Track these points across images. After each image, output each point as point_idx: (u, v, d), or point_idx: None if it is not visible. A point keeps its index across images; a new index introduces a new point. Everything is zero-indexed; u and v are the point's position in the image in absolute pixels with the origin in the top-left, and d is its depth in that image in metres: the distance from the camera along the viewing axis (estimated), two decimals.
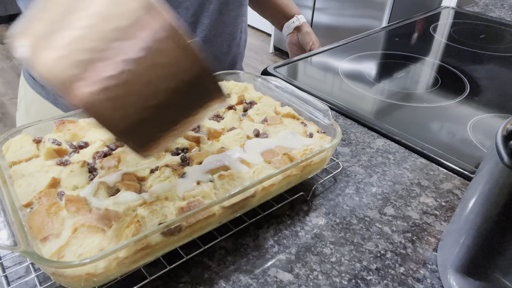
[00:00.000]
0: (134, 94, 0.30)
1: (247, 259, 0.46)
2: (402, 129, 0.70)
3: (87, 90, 0.29)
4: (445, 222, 0.52)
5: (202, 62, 0.32)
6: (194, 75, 0.32)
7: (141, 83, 0.30)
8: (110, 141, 0.53)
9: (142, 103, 0.31)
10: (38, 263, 0.34)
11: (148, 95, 0.31)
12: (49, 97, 0.77)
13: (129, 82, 0.30)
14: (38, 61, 0.29)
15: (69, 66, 0.29)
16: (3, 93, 2.76)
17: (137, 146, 0.33)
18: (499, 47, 1.09)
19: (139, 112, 0.31)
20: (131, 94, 0.30)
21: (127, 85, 0.30)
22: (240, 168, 0.49)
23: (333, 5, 2.78)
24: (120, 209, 0.42)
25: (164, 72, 0.31)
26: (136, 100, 0.30)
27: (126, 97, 0.30)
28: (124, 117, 0.30)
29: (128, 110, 0.30)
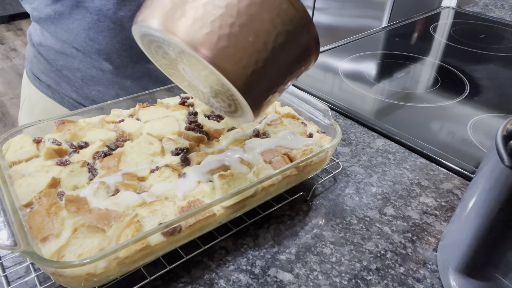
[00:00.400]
0: (250, 46, 0.35)
1: (247, 259, 0.46)
2: (402, 129, 0.70)
3: (213, 49, 0.34)
4: (445, 222, 0.52)
5: (308, 18, 0.37)
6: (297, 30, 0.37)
7: (253, 35, 0.35)
8: (110, 141, 0.53)
9: (256, 54, 0.35)
10: (38, 263, 0.34)
11: (260, 47, 0.35)
12: (55, 96, 0.77)
13: (243, 36, 0.34)
14: (174, 31, 0.34)
15: (201, 28, 0.34)
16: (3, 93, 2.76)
17: (253, 99, 0.37)
18: (499, 47, 1.09)
19: (253, 62, 0.35)
20: (247, 47, 0.35)
21: (242, 40, 0.34)
22: (240, 168, 0.49)
23: (333, 5, 2.78)
24: (120, 209, 0.42)
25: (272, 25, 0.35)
26: (251, 51, 0.35)
27: (243, 51, 0.35)
28: (243, 67, 0.35)
29: (245, 61, 0.35)
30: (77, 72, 0.74)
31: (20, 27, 3.75)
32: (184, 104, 0.62)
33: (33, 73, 0.79)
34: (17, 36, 3.60)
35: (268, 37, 0.35)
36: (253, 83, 0.36)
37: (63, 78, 0.75)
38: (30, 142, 0.51)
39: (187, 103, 0.63)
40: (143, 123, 0.57)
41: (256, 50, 0.35)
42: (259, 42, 0.35)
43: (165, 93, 0.65)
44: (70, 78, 0.75)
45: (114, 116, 0.58)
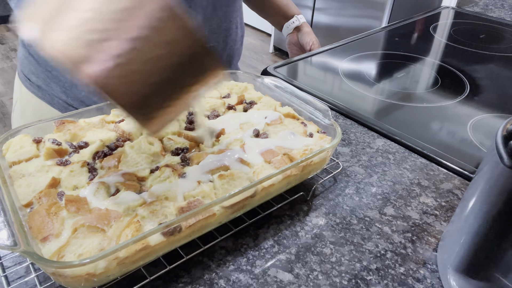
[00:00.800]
0: (139, 71, 0.33)
1: (247, 259, 0.46)
2: (402, 129, 0.70)
3: (96, 68, 0.31)
4: (445, 222, 0.52)
5: (197, 37, 0.34)
6: (192, 50, 0.35)
7: (145, 60, 0.33)
8: (110, 141, 0.53)
9: (147, 79, 0.33)
10: (38, 263, 0.34)
11: (152, 71, 0.33)
12: (45, 97, 0.77)
13: (134, 59, 0.32)
14: (49, 42, 0.31)
15: (79, 47, 0.31)
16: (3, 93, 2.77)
17: (144, 119, 0.36)
18: (499, 47, 1.09)
19: (144, 87, 0.34)
20: (137, 70, 0.33)
21: (133, 62, 0.32)
22: (240, 168, 0.49)
23: (333, 5, 2.78)
24: (120, 209, 0.42)
25: (165, 49, 0.33)
26: (141, 76, 0.33)
27: (132, 74, 0.33)
28: (131, 92, 0.33)
29: (134, 85, 0.33)
30: (67, 73, 0.74)
31: None
32: None
33: (24, 74, 0.78)
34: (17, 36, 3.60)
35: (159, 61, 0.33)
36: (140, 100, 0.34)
37: (52, 79, 0.75)
38: (30, 142, 0.51)
39: None
40: None
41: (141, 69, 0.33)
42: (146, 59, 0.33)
43: None
44: (59, 79, 0.75)
45: (114, 116, 0.58)
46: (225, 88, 0.68)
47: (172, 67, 0.34)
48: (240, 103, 0.64)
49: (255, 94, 0.66)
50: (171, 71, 0.34)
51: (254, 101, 0.64)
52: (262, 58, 3.43)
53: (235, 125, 0.58)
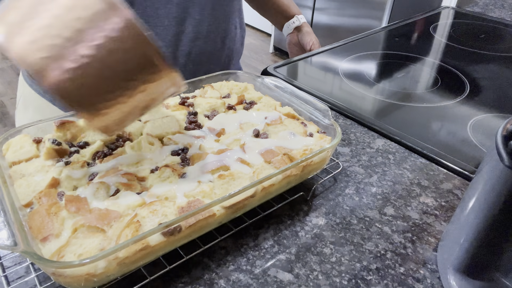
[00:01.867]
0: (93, 76, 0.35)
1: (247, 259, 0.46)
2: (402, 129, 0.70)
3: (52, 74, 0.34)
4: (445, 222, 0.52)
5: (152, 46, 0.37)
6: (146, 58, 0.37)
7: (99, 67, 0.35)
8: (110, 141, 0.53)
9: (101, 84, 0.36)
10: (38, 263, 0.34)
11: (106, 77, 0.36)
12: (46, 95, 0.78)
13: (88, 65, 0.35)
14: (12, 46, 0.34)
15: (37, 51, 0.33)
16: (3, 93, 2.77)
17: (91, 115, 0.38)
18: (499, 47, 1.09)
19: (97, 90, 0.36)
20: (90, 75, 0.35)
21: (87, 69, 0.35)
22: (240, 168, 0.49)
23: (333, 5, 2.78)
24: (120, 209, 0.42)
25: (120, 56, 0.36)
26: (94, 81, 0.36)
27: (86, 78, 0.35)
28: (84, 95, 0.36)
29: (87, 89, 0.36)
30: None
31: None
32: (184, 104, 0.62)
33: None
34: None
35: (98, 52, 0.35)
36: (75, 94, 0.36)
37: None
38: (30, 142, 0.51)
39: (187, 103, 0.63)
40: (143, 123, 0.57)
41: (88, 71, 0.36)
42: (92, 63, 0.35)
43: None
44: None
45: None
46: (225, 88, 0.68)
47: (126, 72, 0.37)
48: (240, 103, 0.64)
49: (255, 94, 0.66)
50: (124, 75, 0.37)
51: (254, 101, 0.64)
52: (262, 58, 3.43)
53: (235, 125, 0.58)
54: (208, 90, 0.66)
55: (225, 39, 0.84)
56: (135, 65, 0.37)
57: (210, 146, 0.54)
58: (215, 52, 0.84)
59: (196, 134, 0.55)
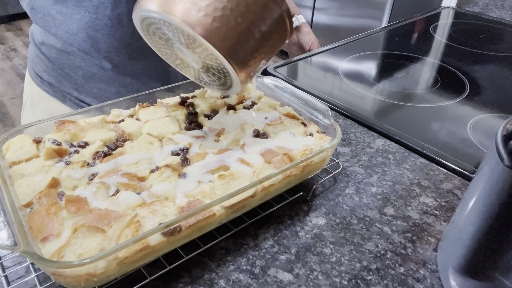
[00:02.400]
0: (233, 23, 0.44)
1: (247, 259, 0.46)
2: (402, 129, 0.70)
3: (203, 23, 0.43)
4: (445, 222, 0.52)
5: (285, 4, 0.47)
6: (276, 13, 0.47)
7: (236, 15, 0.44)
8: (110, 141, 0.53)
9: (238, 28, 0.45)
10: (38, 263, 0.34)
11: (241, 23, 0.45)
12: (57, 95, 0.78)
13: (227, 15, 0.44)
14: (174, 12, 0.43)
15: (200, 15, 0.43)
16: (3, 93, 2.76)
17: (237, 63, 0.46)
18: (499, 47, 1.09)
19: (236, 35, 0.45)
20: (231, 23, 0.44)
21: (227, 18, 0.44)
22: (240, 168, 0.49)
23: (333, 5, 2.78)
24: (120, 209, 0.42)
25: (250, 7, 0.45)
26: (234, 26, 0.44)
27: (227, 25, 0.44)
28: (227, 37, 0.44)
29: (229, 32, 0.44)
30: (79, 70, 0.74)
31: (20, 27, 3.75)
32: (184, 104, 0.62)
33: (35, 72, 0.79)
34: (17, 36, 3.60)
35: (251, 18, 0.45)
36: (237, 50, 0.45)
37: (64, 77, 0.76)
38: (30, 142, 0.51)
39: (187, 103, 0.63)
40: (143, 123, 0.57)
41: (241, 29, 0.44)
42: (244, 22, 0.44)
43: (165, 93, 0.65)
44: (71, 76, 0.75)
45: (114, 116, 0.58)
46: None
47: (254, 21, 0.46)
48: (240, 103, 0.64)
49: (255, 94, 0.66)
50: (254, 25, 0.46)
51: (254, 101, 0.64)
52: None
53: (235, 125, 0.58)
54: (208, 90, 0.66)
55: None
56: (272, 22, 0.47)
57: (210, 146, 0.54)
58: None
59: (196, 134, 0.55)
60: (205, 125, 0.58)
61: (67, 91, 0.77)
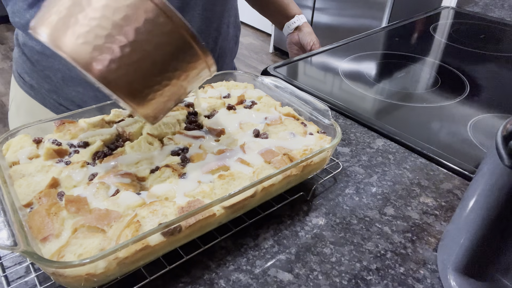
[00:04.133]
0: (137, 63, 0.39)
1: (247, 259, 0.46)
2: (402, 129, 0.70)
3: (99, 65, 0.38)
4: (445, 222, 0.52)
5: (188, 28, 0.40)
6: (184, 40, 0.40)
7: (141, 54, 0.39)
8: (110, 141, 0.53)
9: (144, 70, 0.40)
10: (38, 263, 0.34)
11: (149, 62, 0.39)
12: (37, 96, 0.78)
13: (131, 53, 0.38)
14: (58, 44, 0.37)
15: (82, 45, 0.37)
16: (3, 93, 2.76)
17: (138, 103, 0.41)
18: (499, 47, 1.09)
19: (142, 77, 0.40)
20: (134, 63, 0.39)
21: (130, 56, 0.38)
22: (240, 168, 0.49)
23: (333, 5, 2.78)
24: (120, 209, 0.42)
25: (159, 40, 0.39)
26: (139, 68, 0.39)
27: (131, 66, 0.39)
28: (127, 81, 0.39)
29: (133, 76, 0.39)
30: (58, 72, 0.74)
31: None
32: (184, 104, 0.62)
33: (18, 73, 0.79)
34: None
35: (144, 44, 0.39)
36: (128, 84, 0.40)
37: (44, 79, 0.75)
38: (30, 142, 0.51)
39: (187, 103, 0.63)
40: (143, 123, 0.57)
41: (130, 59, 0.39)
42: (134, 50, 0.38)
43: None
44: (51, 78, 0.75)
45: (114, 116, 0.58)
46: (225, 88, 0.68)
47: (161, 56, 0.40)
48: (240, 103, 0.64)
49: (255, 94, 0.66)
50: (160, 60, 0.40)
51: (254, 101, 0.64)
52: (262, 58, 3.43)
53: (235, 125, 0.58)
54: (208, 90, 0.66)
55: (217, 39, 0.84)
56: (174, 49, 0.40)
57: (210, 146, 0.54)
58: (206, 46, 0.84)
59: (196, 134, 0.55)
60: (205, 125, 0.58)
61: (47, 93, 0.77)
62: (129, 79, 0.39)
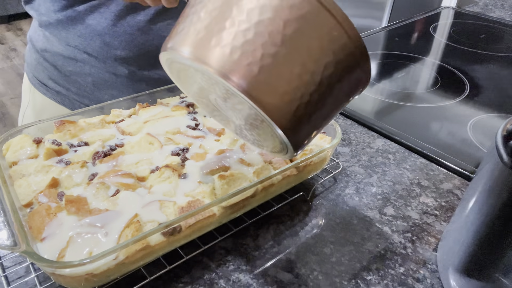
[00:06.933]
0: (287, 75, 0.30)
1: (247, 259, 0.46)
2: (402, 129, 0.70)
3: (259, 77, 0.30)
4: (445, 222, 0.52)
5: (360, 41, 0.31)
6: (346, 51, 0.31)
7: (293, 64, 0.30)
8: (110, 141, 0.53)
9: (304, 88, 0.30)
10: (38, 263, 0.34)
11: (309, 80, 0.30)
12: (64, 102, 0.76)
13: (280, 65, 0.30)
14: (212, 58, 0.30)
15: (232, 61, 0.30)
16: (3, 93, 2.76)
17: (296, 137, 0.33)
18: (499, 47, 1.09)
19: (300, 97, 0.30)
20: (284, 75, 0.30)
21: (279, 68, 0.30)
22: (240, 168, 0.49)
23: None
24: (120, 209, 0.42)
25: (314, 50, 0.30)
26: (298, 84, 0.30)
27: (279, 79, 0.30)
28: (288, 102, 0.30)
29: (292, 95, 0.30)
30: (88, 77, 0.72)
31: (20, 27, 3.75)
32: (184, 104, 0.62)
33: (39, 79, 0.76)
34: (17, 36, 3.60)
35: (316, 68, 0.30)
36: (298, 120, 0.31)
37: (72, 84, 0.73)
38: (30, 142, 0.51)
39: (187, 103, 0.63)
40: (143, 123, 0.57)
41: (302, 83, 0.30)
42: (306, 74, 0.30)
43: (165, 93, 0.65)
44: (80, 83, 0.73)
45: (114, 116, 0.58)
46: None
47: (327, 76, 0.31)
48: None
49: None
50: (325, 80, 0.31)
51: None
52: None
53: None
54: None
55: None
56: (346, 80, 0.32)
57: (210, 146, 0.54)
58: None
59: (196, 134, 0.55)
60: (205, 125, 0.58)
61: (76, 98, 0.75)
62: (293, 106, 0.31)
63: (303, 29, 0.30)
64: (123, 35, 0.67)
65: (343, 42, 0.31)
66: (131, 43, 0.68)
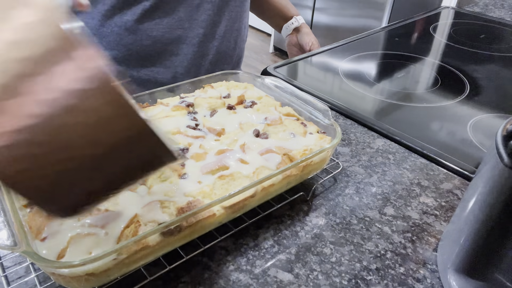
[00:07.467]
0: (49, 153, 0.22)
1: (247, 259, 0.46)
2: (402, 129, 0.70)
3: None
4: (445, 222, 0.52)
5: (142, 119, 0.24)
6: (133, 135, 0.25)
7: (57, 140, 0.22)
8: None
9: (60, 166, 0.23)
10: (38, 263, 0.34)
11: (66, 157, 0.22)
12: None
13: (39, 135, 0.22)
14: None
15: None
16: None
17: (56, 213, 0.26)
18: (499, 47, 1.09)
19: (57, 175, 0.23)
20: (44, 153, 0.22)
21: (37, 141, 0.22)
22: (240, 168, 0.49)
23: (333, 5, 2.78)
24: (120, 209, 0.42)
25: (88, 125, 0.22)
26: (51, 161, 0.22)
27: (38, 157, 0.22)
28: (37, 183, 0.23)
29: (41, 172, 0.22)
30: None
31: None
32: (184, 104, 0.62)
33: None
34: None
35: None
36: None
37: None
38: None
39: (187, 103, 0.63)
40: None
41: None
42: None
43: (165, 93, 0.65)
44: None
45: None
46: (225, 88, 0.68)
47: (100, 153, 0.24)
48: (240, 103, 0.64)
49: (255, 94, 0.66)
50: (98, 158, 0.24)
51: (254, 101, 0.64)
52: (262, 58, 3.43)
53: (235, 125, 0.58)
54: (208, 90, 0.66)
55: (237, 39, 0.85)
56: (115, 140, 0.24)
57: (210, 146, 0.54)
58: (229, 52, 0.84)
59: (196, 134, 0.55)
60: (205, 125, 0.58)
61: None
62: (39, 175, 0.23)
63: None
64: (111, 35, 0.67)
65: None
66: (119, 43, 0.68)
